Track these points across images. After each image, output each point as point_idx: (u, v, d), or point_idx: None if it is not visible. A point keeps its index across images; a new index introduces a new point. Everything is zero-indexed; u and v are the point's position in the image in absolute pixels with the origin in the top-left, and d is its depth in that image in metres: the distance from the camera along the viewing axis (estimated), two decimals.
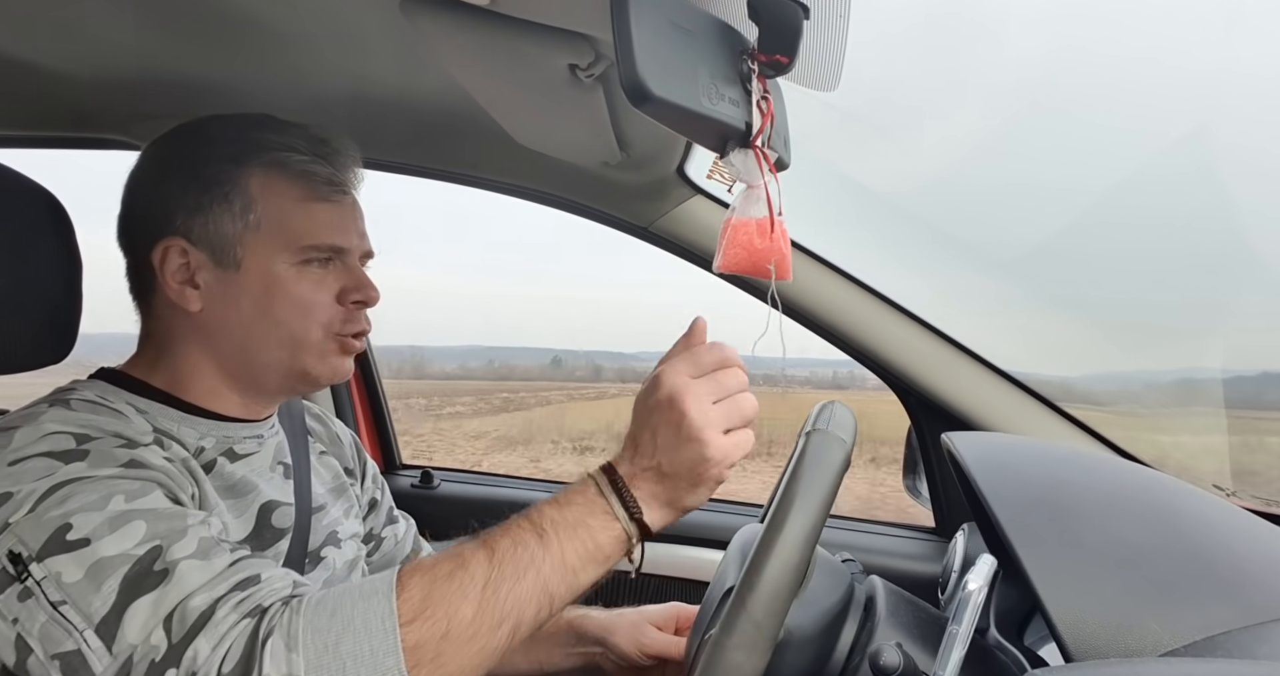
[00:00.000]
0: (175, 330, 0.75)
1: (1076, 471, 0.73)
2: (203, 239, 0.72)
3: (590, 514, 0.60)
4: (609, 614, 0.93)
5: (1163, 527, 0.65)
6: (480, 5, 0.63)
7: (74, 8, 0.76)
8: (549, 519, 0.59)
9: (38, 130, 1.10)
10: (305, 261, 0.74)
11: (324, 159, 0.76)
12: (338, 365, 0.77)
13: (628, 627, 0.90)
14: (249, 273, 0.72)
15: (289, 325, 0.73)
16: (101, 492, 0.57)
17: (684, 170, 1.08)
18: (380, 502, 0.98)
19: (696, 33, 0.47)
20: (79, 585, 0.53)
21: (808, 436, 0.71)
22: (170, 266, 0.72)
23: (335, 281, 0.76)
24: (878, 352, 1.12)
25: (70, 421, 0.62)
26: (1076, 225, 2.84)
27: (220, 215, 0.72)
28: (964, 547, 0.94)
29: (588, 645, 0.92)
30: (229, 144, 0.74)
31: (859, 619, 0.66)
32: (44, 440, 0.60)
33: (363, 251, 0.79)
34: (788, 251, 0.58)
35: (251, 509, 0.75)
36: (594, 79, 0.73)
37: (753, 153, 0.53)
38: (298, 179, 0.74)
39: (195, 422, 0.74)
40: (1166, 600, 0.57)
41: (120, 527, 0.55)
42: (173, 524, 0.57)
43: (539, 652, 0.94)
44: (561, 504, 0.61)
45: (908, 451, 1.25)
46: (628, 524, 0.60)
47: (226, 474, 0.73)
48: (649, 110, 0.45)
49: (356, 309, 0.77)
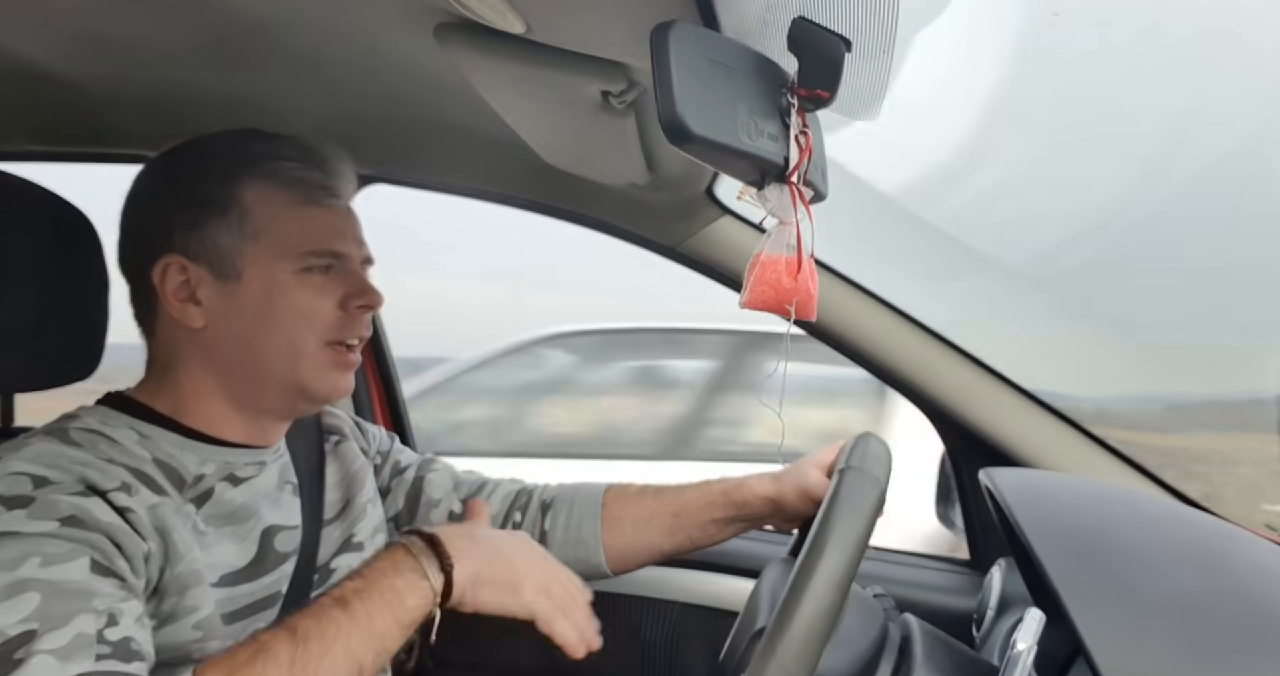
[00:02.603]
0: (179, 350, 0.75)
1: (1126, 513, 0.71)
2: (201, 254, 0.72)
3: (398, 574, 0.64)
4: (770, 477, 0.91)
5: (1219, 577, 0.62)
6: (515, 33, 0.63)
7: (107, 24, 0.77)
8: (352, 589, 0.63)
9: (68, 146, 1.12)
10: (305, 268, 0.74)
11: (315, 165, 0.76)
12: (335, 380, 0.76)
13: (794, 484, 0.88)
14: (250, 284, 0.72)
15: (288, 334, 0.73)
16: (18, 552, 0.56)
17: (713, 191, 1.07)
18: (385, 464, 0.98)
19: (736, 69, 0.46)
20: None
21: (841, 474, 0.69)
22: (171, 284, 0.72)
23: (337, 287, 0.76)
24: (913, 379, 1.09)
25: (44, 459, 0.62)
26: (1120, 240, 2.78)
27: (217, 229, 0.72)
28: (1000, 584, 0.91)
29: (754, 512, 0.91)
30: (219, 158, 0.74)
31: (893, 661, 0.64)
32: (3, 481, 0.60)
33: (362, 257, 0.79)
34: (814, 292, 0.57)
35: (253, 534, 0.74)
36: (626, 105, 0.73)
37: (788, 188, 0.52)
38: (290, 186, 0.74)
39: (197, 448, 0.73)
40: (1222, 655, 0.55)
41: (13, 597, 0.54)
42: (68, 606, 0.56)
43: (688, 531, 0.93)
44: (364, 574, 0.65)
45: (941, 479, 1.22)
46: (435, 577, 0.65)
47: (226, 500, 0.73)
48: (689, 149, 0.44)
49: (360, 313, 0.77)
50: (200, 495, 0.71)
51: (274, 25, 0.75)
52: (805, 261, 0.53)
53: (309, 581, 0.79)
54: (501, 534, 0.78)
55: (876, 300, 1.11)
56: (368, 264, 0.80)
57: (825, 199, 0.60)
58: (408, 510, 0.97)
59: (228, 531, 0.72)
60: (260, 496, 0.77)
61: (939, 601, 1.09)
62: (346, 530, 0.85)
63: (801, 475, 0.87)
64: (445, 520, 0.96)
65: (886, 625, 0.69)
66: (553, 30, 0.62)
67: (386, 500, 0.96)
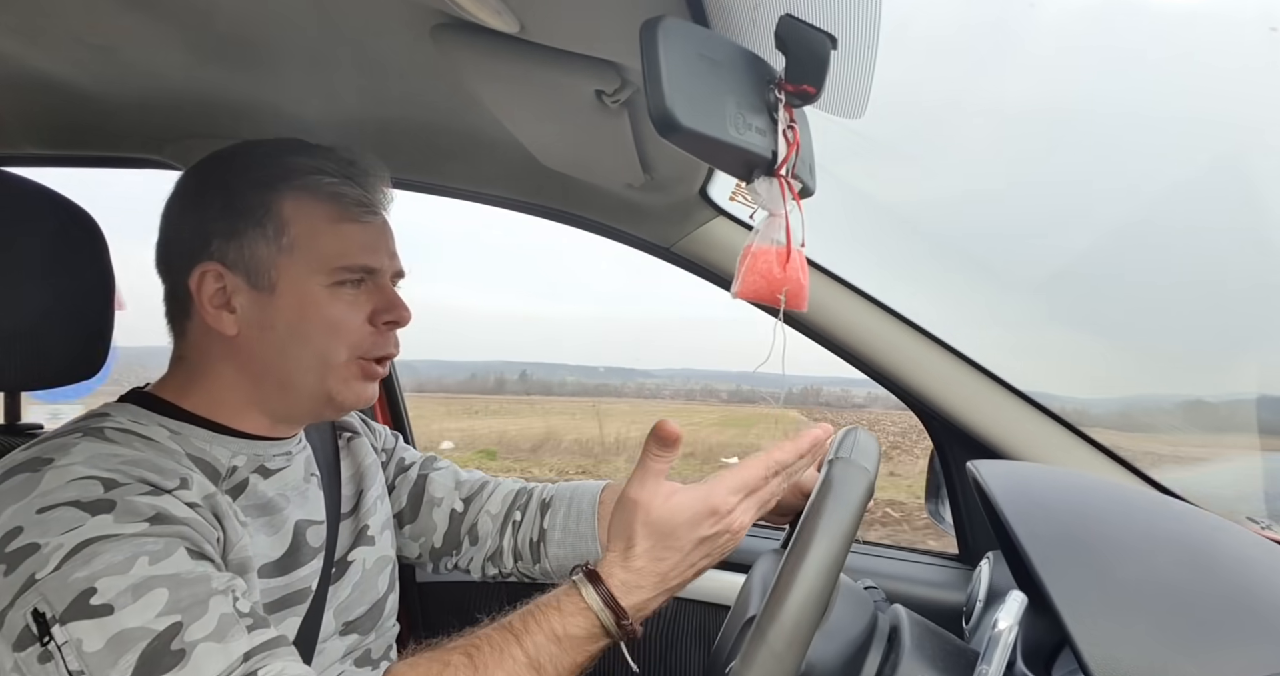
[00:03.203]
0: (210, 354, 0.76)
1: (1109, 504, 0.72)
2: (238, 263, 0.73)
3: (576, 626, 0.67)
4: None
5: (1200, 564, 0.63)
6: (510, 33, 0.64)
7: (111, 30, 0.78)
8: (548, 654, 0.65)
9: (73, 149, 1.13)
10: (338, 282, 0.75)
11: (353, 180, 0.77)
12: (361, 390, 0.78)
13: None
14: (283, 295, 0.73)
15: (319, 346, 0.74)
16: (127, 553, 0.57)
17: (706, 192, 1.08)
18: (390, 461, 1.00)
19: (724, 63, 0.48)
20: (98, 656, 0.53)
21: (830, 465, 0.70)
22: (207, 291, 0.73)
23: (368, 302, 0.77)
24: (902, 377, 1.11)
25: (100, 461, 0.63)
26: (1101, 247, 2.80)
27: (255, 239, 0.73)
28: (989, 577, 0.92)
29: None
30: (261, 169, 0.75)
31: (882, 650, 0.65)
32: (72, 486, 0.60)
33: (394, 271, 0.80)
34: (805, 282, 0.58)
35: (286, 526, 0.76)
36: (620, 104, 0.74)
37: (777, 181, 0.53)
38: (329, 201, 0.75)
39: (227, 441, 0.74)
40: (1205, 641, 0.56)
41: (143, 596, 0.56)
42: (195, 592, 0.58)
43: None
44: (544, 607, 0.68)
45: (930, 476, 1.23)
46: (603, 612, 0.67)
47: (259, 493, 0.74)
48: (677, 140, 0.45)
49: (388, 329, 0.78)
50: (235, 486, 0.73)
51: (273, 29, 0.76)
52: (795, 253, 0.55)
53: (328, 576, 0.80)
54: (646, 535, 0.70)
55: (865, 298, 1.12)
56: (399, 277, 0.81)
57: (813, 194, 0.61)
58: (410, 507, 0.98)
59: (263, 523, 0.73)
60: (290, 488, 0.78)
61: (929, 595, 1.10)
62: (360, 523, 0.87)
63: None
64: (447, 519, 0.98)
65: (876, 615, 0.70)
66: (547, 29, 0.63)
67: (390, 497, 0.98)
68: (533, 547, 0.96)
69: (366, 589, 0.85)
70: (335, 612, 0.81)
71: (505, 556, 0.97)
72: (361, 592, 0.84)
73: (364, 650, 0.84)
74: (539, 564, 0.96)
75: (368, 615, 0.84)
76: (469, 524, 0.98)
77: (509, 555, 0.97)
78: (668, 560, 0.69)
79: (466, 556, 0.98)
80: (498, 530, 0.98)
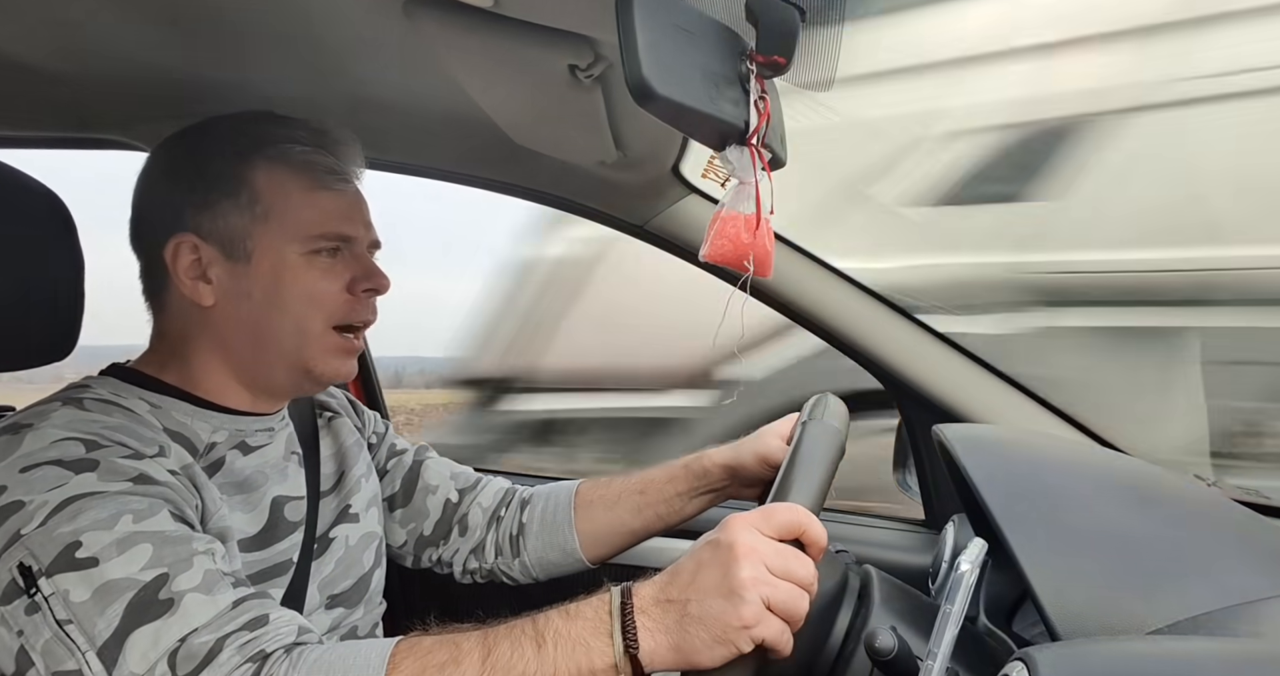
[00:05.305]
0: (189, 327, 0.76)
1: (1063, 459, 0.76)
2: (213, 234, 0.73)
3: (594, 634, 0.57)
4: (729, 446, 0.92)
5: (1145, 512, 0.67)
6: (483, 7, 0.65)
7: (76, 9, 0.77)
8: (553, 629, 0.57)
9: (40, 131, 1.11)
10: (314, 251, 0.75)
11: (325, 149, 0.77)
12: (339, 366, 0.78)
13: (751, 450, 0.88)
14: (259, 264, 0.74)
15: (296, 315, 0.75)
16: (111, 510, 0.58)
17: (679, 169, 1.10)
18: (382, 445, 1.00)
19: (697, 34, 0.49)
20: (85, 605, 0.54)
21: (804, 426, 0.73)
22: (182, 263, 0.73)
23: (345, 270, 0.77)
24: (867, 347, 1.14)
25: (79, 426, 0.63)
26: None
27: (228, 209, 0.73)
28: (954, 538, 0.96)
29: (714, 481, 0.92)
30: (232, 140, 0.75)
31: (854, 605, 0.68)
32: (54, 446, 0.60)
33: (370, 241, 0.80)
34: (771, 249, 0.60)
35: (263, 503, 0.76)
36: (593, 80, 0.75)
37: (748, 150, 0.55)
38: (301, 169, 0.75)
39: (208, 416, 0.75)
40: (1150, 582, 0.59)
41: (128, 550, 0.56)
42: (178, 550, 0.58)
43: (655, 507, 0.93)
44: (571, 615, 0.58)
45: (898, 445, 1.27)
46: (620, 655, 0.56)
47: (237, 469, 0.75)
48: (652, 108, 0.47)
49: (367, 297, 0.79)
50: (212, 464, 0.73)
51: (243, 6, 0.75)
52: (763, 220, 0.56)
53: (310, 550, 0.81)
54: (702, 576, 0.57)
55: (827, 268, 1.14)
56: (375, 247, 0.82)
57: (784, 165, 0.63)
58: (404, 492, 0.99)
59: (239, 500, 0.74)
60: (269, 466, 0.78)
61: (896, 559, 1.14)
62: (343, 501, 0.87)
63: (760, 442, 0.89)
64: (440, 507, 0.99)
65: (847, 574, 0.73)
66: (520, 3, 0.64)
67: (383, 481, 0.98)
68: (512, 541, 0.98)
69: (351, 563, 0.86)
70: (319, 586, 0.81)
71: (488, 550, 0.98)
72: (346, 567, 0.85)
73: (350, 626, 0.85)
74: (518, 558, 0.97)
75: (354, 589, 0.85)
76: (461, 514, 0.99)
77: (491, 549, 0.98)
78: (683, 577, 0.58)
79: (452, 548, 0.99)
80: (486, 523, 0.99)
